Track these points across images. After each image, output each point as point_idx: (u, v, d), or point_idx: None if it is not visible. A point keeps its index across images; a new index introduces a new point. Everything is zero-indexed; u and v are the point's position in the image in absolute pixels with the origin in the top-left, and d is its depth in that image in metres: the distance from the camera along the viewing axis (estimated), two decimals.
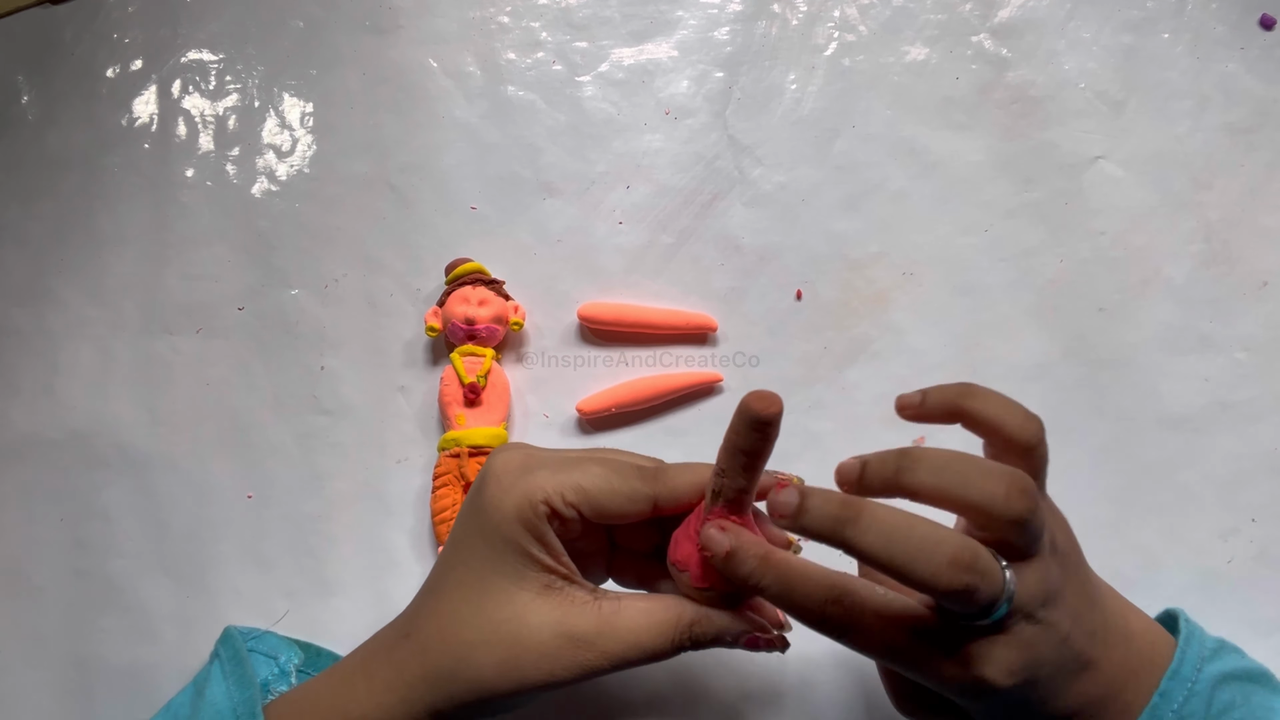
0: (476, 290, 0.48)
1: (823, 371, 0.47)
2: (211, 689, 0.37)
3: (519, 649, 0.31)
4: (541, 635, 0.31)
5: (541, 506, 0.31)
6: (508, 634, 0.31)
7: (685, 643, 0.32)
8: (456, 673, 0.32)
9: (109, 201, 0.54)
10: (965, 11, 0.51)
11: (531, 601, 0.32)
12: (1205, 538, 0.44)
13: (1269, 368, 0.45)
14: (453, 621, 0.33)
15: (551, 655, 0.31)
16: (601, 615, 0.32)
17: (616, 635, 0.32)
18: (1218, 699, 0.32)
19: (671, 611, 0.32)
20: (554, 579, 0.32)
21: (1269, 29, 0.49)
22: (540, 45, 0.53)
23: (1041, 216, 0.48)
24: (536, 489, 0.32)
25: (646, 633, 0.32)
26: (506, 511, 0.32)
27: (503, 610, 0.32)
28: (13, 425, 0.51)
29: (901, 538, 0.28)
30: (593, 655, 0.31)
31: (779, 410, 0.29)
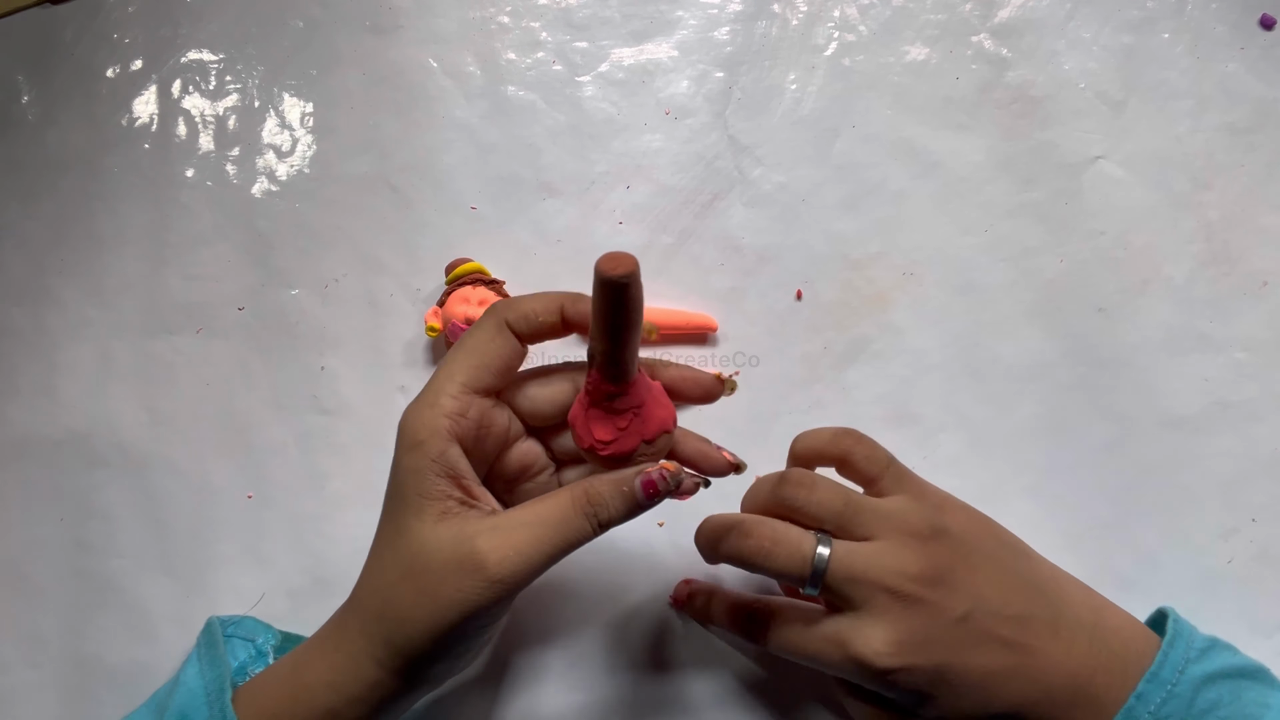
0: (476, 290, 0.48)
1: (823, 371, 0.47)
2: (185, 672, 0.38)
3: (426, 574, 0.32)
4: (443, 554, 0.31)
5: (440, 420, 0.32)
6: (418, 564, 0.32)
7: (585, 506, 0.32)
8: (383, 615, 0.33)
9: (109, 201, 0.54)
10: (965, 11, 0.51)
11: (431, 527, 0.32)
12: (1205, 538, 0.44)
13: (1269, 368, 0.45)
14: (377, 569, 0.34)
15: (455, 568, 0.31)
16: (499, 516, 0.32)
17: (515, 524, 0.32)
18: (1201, 699, 0.32)
19: (566, 489, 0.33)
20: (451, 504, 0.32)
21: (1269, 29, 0.49)
22: (540, 45, 0.53)
23: (1041, 216, 0.48)
24: (425, 406, 0.33)
25: (546, 512, 0.32)
26: (407, 444, 0.33)
27: (412, 544, 0.32)
28: (13, 425, 0.51)
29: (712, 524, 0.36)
30: (495, 553, 0.31)
31: (627, 270, 0.29)
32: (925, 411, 0.46)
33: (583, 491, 0.32)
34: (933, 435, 0.46)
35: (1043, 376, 0.46)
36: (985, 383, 0.47)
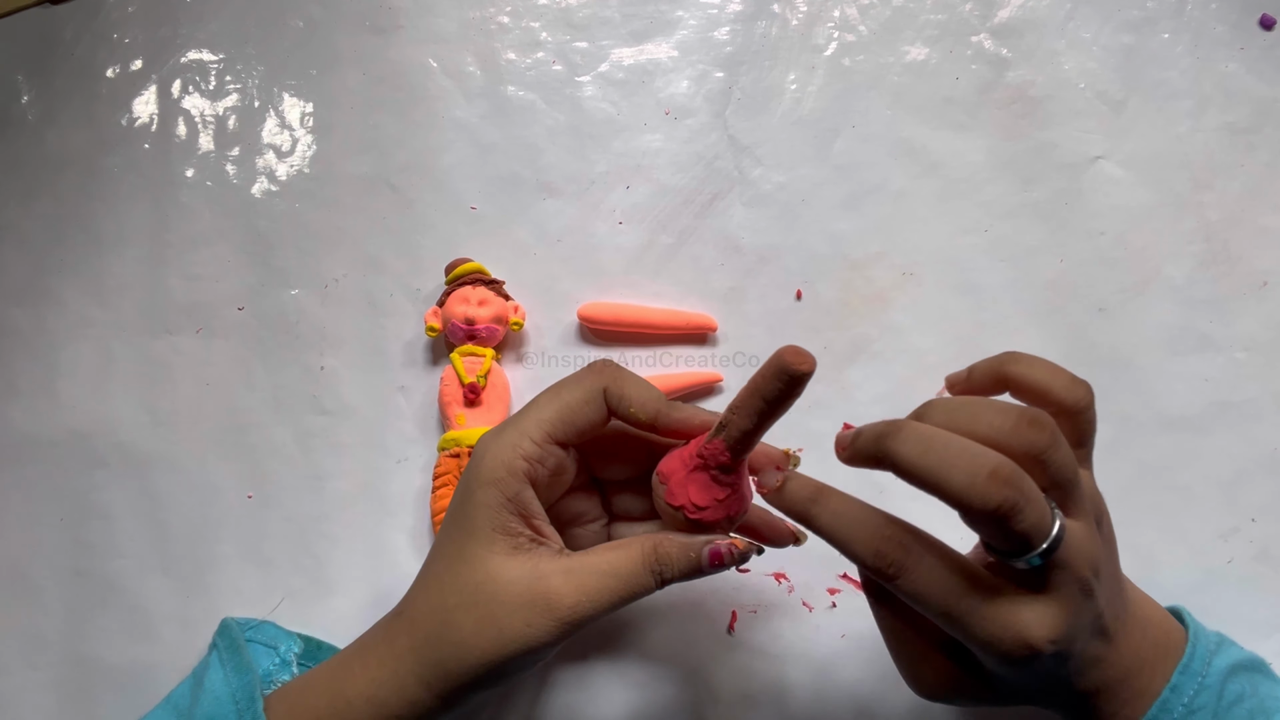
0: (476, 290, 0.48)
1: (823, 371, 0.47)
2: (210, 677, 0.37)
3: (494, 604, 0.32)
4: (515, 588, 0.32)
5: (519, 462, 0.33)
6: (484, 593, 0.32)
7: (654, 564, 0.33)
8: (440, 637, 0.33)
9: (109, 201, 0.54)
10: (965, 11, 0.51)
11: (503, 560, 0.33)
12: (1205, 538, 0.44)
13: (1269, 368, 0.45)
14: (437, 589, 0.34)
15: (526, 604, 0.32)
16: (572, 559, 0.33)
17: (588, 571, 0.32)
18: (1229, 691, 0.33)
19: (638, 540, 0.33)
20: (522, 540, 0.33)
21: (1269, 29, 0.49)
22: (540, 45, 0.53)
23: (1041, 216, 0.48)
24: (507, 446, 0.33)
25: (617, 563, 0.33)
26: (483, 477, 0.33)
27: (477, 573, 0.33)
28: (13, 425, 0.51)
29: (940, 446, 0.28)
30: (568, 597, 0.32)
31: (810, 369, 0.30)
32: None
33: (653, 549, 0.33)
34: None
35: None
36: None
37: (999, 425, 0.29)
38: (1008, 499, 0.27)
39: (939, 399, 0.31)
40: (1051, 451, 0.29)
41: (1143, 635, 0.34)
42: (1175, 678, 0.33)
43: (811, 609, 0.44)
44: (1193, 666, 0.33)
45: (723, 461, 0.32)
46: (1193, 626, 0.35)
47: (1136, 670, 0.33)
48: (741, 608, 0.44)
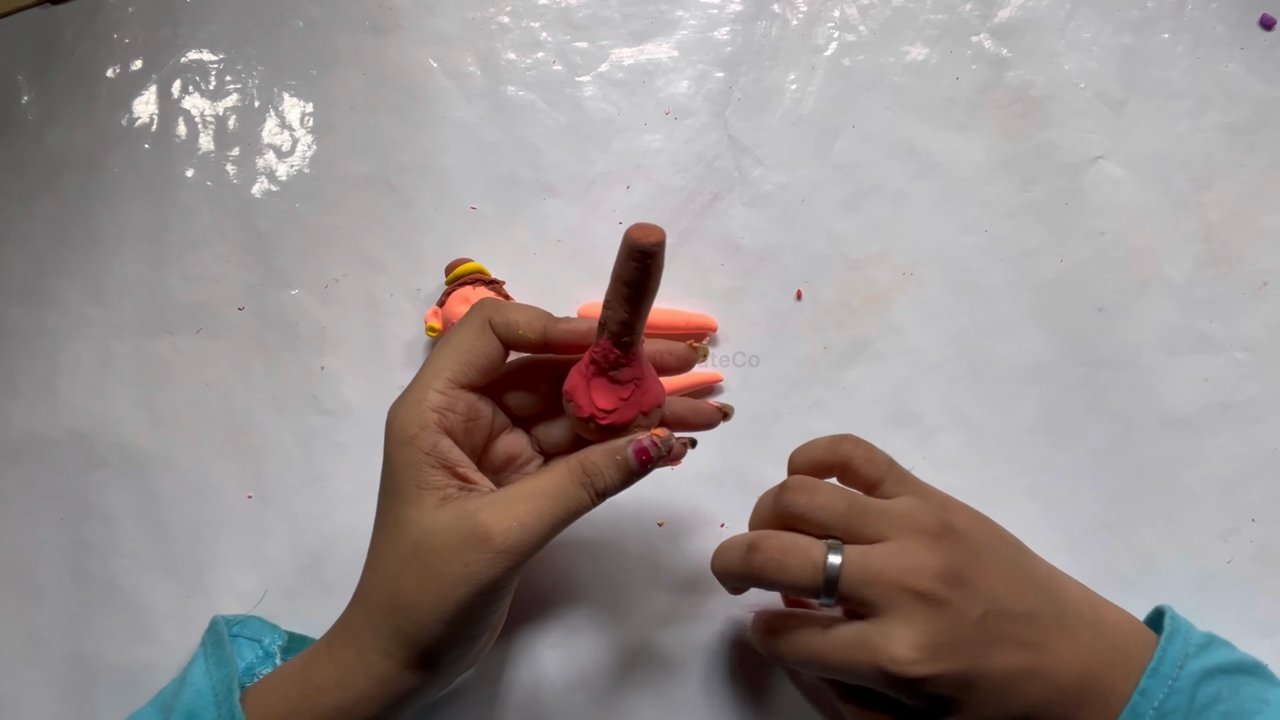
0: (476, 290, 0.48)
1: (823, 371, 0.47)
2: (192, 672, 0.38)
3: (430, 555, 0.32)
4: (447, 534, 0.32)
5: (428, 414, 0.33)
6: (420, 549, 0.32)
7: (582, 477, 0.33)
8: (391, 605, 0.33)
9: (109, 201, 0.54)
10: (965, 11, 0.51)
11: (432, 513, 0.32)
12: (1205, 538, 0.44)
13: (1269, 368, 0.45)
14: (380, 561, 0.34)
15: (460, 545, 0.31)
16: (499, 492, 0.33)
17: (515, 497, 0.32)
18: (1201, 694, 0.33)
19: (563, 460, 0.34)
20: (450, 490, 0.33)
21: (1269, 29, 0.49)
22: (540, 45, 0.53)
23: (1041, 216, 0.48)
24: (412, 403, 0.33)
25: (545, 483, 0.33)
26: (395, 439, 0.33)
27: (412, 532, 0.32)
28: (13, 425, 0.51)
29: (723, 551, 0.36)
30: (498, 525, 0.31)
31: (658, 240, 0.30)
32: (925, 411, 0.46)
33: (578, 463, 0.33)
34: (933, 435, 0.46)
35: (1043, 376, 0.46)
36: (985, 383, 0.47)
37: (764, 505, 0.37)
38: (754, 563, 0.34)
39: None
40: (804, 509, 0.34)
41: (1094, 638, 0.33)
42: (1144, 681, 0.32)
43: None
44: (1162, 669, 0.33)
45: (613, 358, 0.32)
46: (1169, 628, 0.35)
47: (1095, 675, 0.33)
48: (742, 607, 0.44)
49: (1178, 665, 0.33)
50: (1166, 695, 0.32)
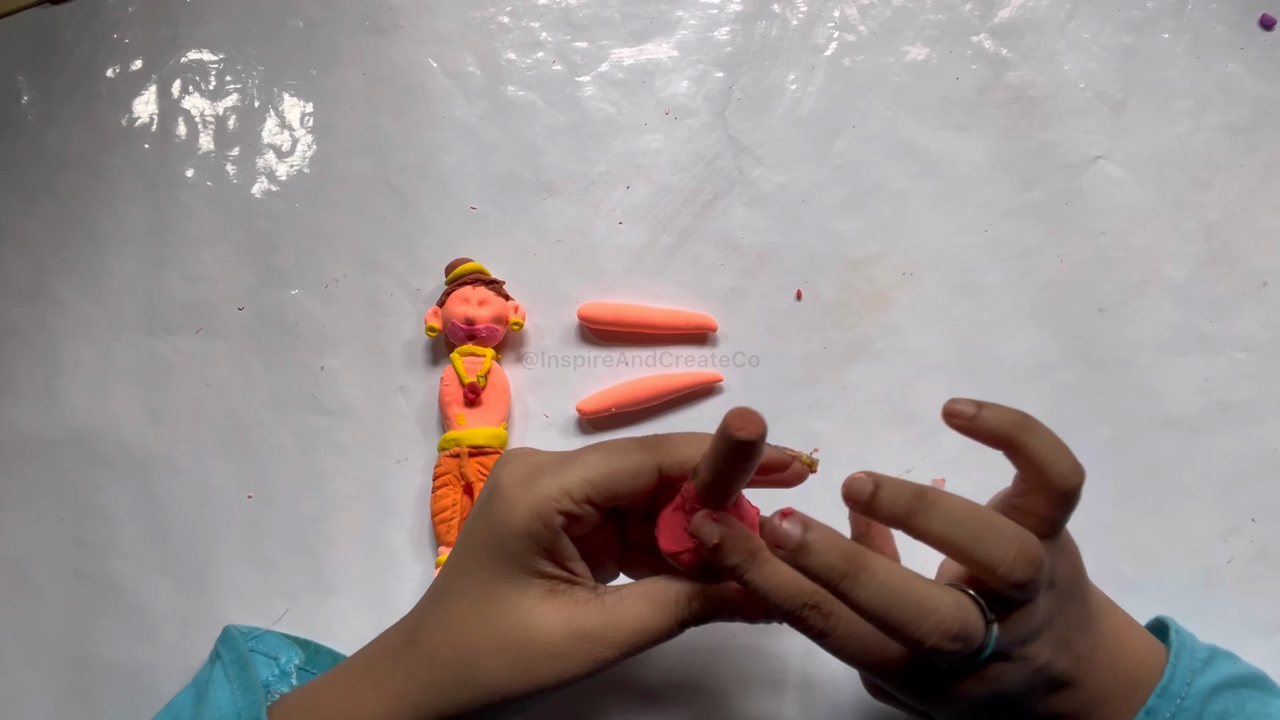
0: (476, 290, 0.48)
1: (823, 371, 0.47)
2: (215, 692, 0.37)
3: (530, 651, 0.32)
4: (552, 636, 0.32)
5: (556, 517, 0.32)
6: (518, 639, 0.32)
7: (687, 617, 0.33)
8: (469, 680, 0.32)
9: (109, 201, 0.54)
10: (965, 11, 0.51)
11: (538, 606, 0.32)
12: (1205, 538, 0.44)
13: (1269, 368, 0.45)
14: (460, 630, 0.33)
15: (563, 654, 0.32)
16: (605, 607, 0.33)
17: (622, 623, 0.32)
18: (1209, 710, 0.33)
19: (671, 590, 0.33)
20: (558, 584, 0.33)
21: (1269, 29, 0.49)
22: (540, 45, 0.53)
23: (1041, 216, 0.48)
24: (544, 499, 0.32)
25: (650, 615, 0.33)
26: (515, 526, 0.32)
27: (510, 618, 0.32)
28: (13, 425, 0.51)
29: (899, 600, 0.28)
30: (603, 647, 0.32)
31: (751, 436, 0.29)
32: (925, 411, 0.46)
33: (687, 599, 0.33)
34: (933, 435, 0.46)
35: (1043, 376, 0.46)
36: (985, 383, 0.47)
37: (997, 556, 0.29)
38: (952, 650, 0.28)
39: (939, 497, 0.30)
40: (1033, 582, 0.29)
41: (1111, 671, 0.33)
42: (1152, 700, 0.32)
43: None
44: (1171, 688, 0.33)
45: (696, 508, 0.32)
46: (1175, 644, 0.34)
47: (1101, 700, 0.32)
48: None
49: (1186, 683, 0.33)
50: (1173, 713, 0.32)
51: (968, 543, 0.29)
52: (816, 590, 0.30)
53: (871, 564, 0.28)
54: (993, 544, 0.29)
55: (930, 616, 0.28)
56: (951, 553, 0.29)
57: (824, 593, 0.30)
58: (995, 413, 0.31)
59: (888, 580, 0.28)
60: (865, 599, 0.28)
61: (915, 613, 0.28)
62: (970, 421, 0.32)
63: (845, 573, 0.28)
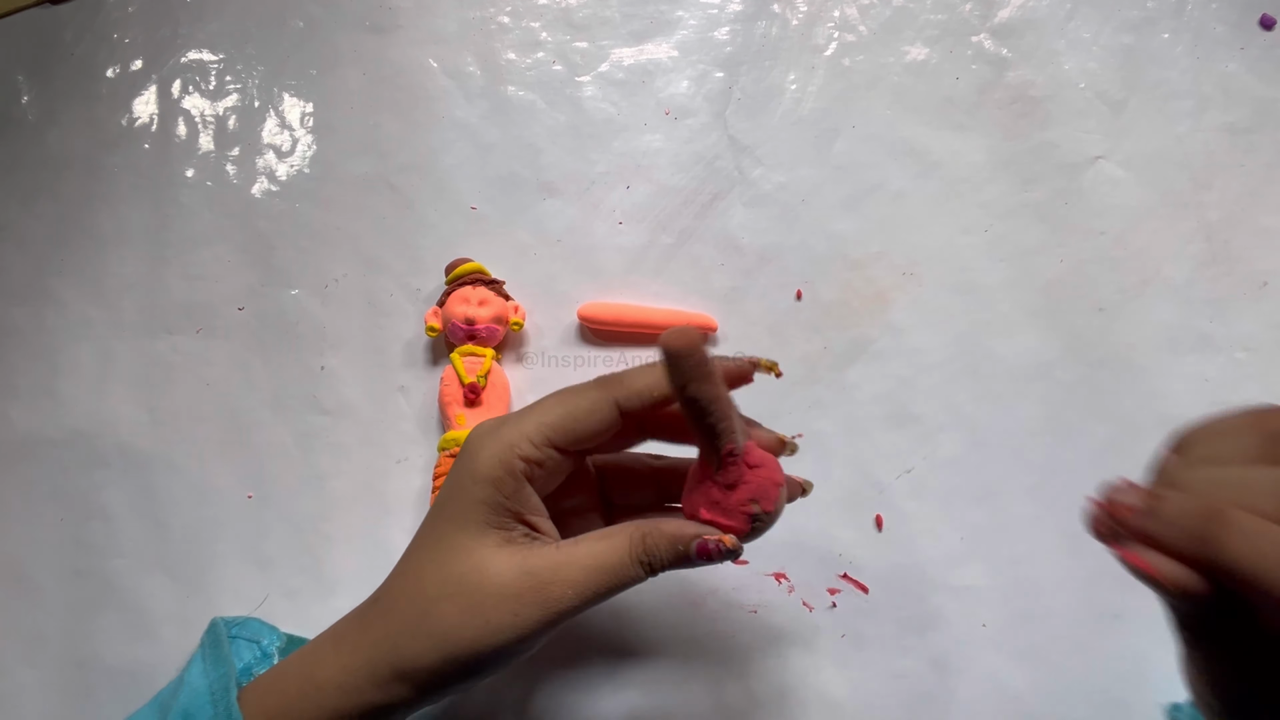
0: (476, 290, 0.48)
1: (823, 371, 0.47)
2: (190, 672, 0.38)
3: (480, 594, 0.32)
4: (503, 578, 0.32)
5: (517, 463, 0.32)
6: (469, 583, 0.32)
7: (641, 554, 0.33)
8: (419, 626, 0.32)
9: (109, 201, 0.54)
10: (965, 11, 0.51)
11: (493, 552, 0.32)
12: None
13: (1269, 368, 0.45)
14: (417, 580, 0.33)
15: (513, 595, 0.32)
16: (560, 550, 0.33)
17: (575, 560, 0.32)
18: None
19: (626, 530, 0.33)
20: (516, 535, 0.33)
21: (1269, 29, 0.49)
22: (540, 45, 0.53)
23: (1041, 216, 0.48)
24: (505, 445, 0.32)
25: (605, 551, 0.33)
26: (478, 473, 0.33)
27: (464, 563, 0.32)
28: (13, 425, 0.51)
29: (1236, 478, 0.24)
30: (556, 585, 0.32)
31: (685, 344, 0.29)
32: (925, 411, 0.46)
33: (641, 539, 0.33)
34: (933, 435, 0.46)
35: (1043, 376, 0.46)
36: (985, 383, 0.47)
37: None
38: None
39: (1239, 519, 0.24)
40: None
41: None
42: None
43: (812, 609, 0.44)
44: None
45: (709, 472, 0.32)
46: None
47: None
48: (741, 608, 0.44)
49: None
50: None
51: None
52: None
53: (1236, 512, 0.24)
54: None
55: None
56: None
57: None
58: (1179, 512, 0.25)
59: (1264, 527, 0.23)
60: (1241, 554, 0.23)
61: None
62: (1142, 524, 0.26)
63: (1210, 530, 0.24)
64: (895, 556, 0.44)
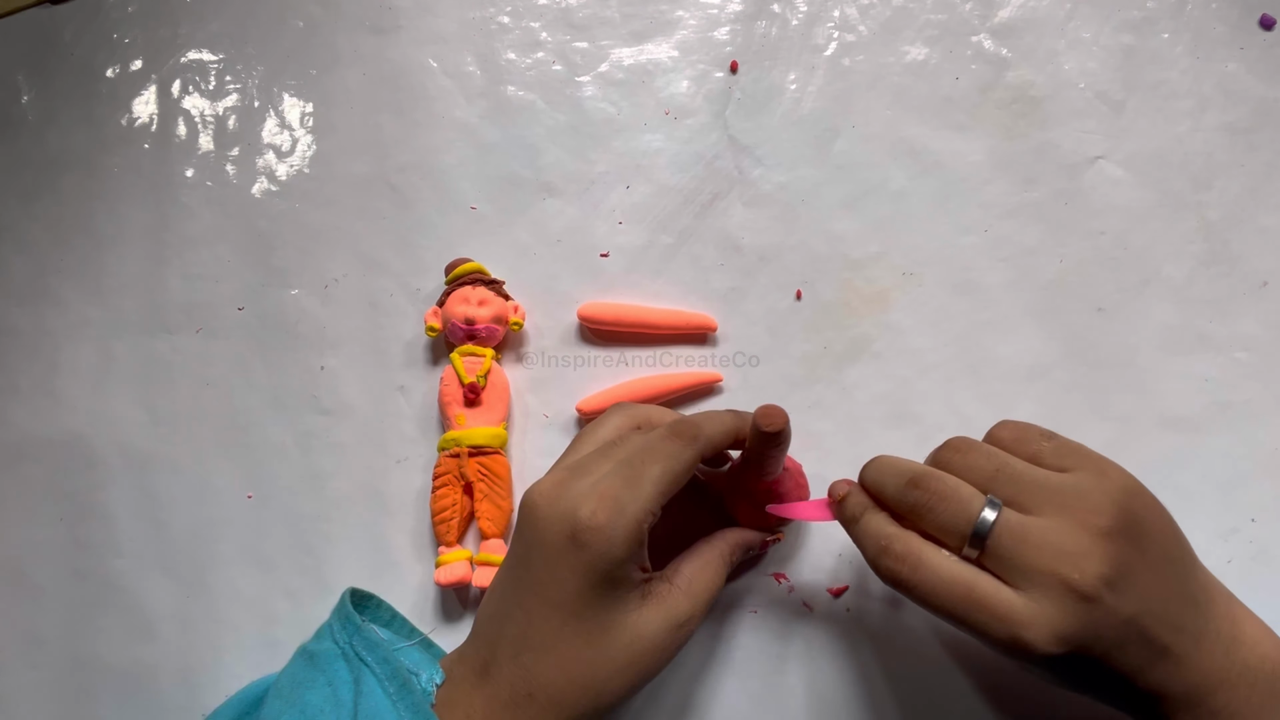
0: (476, 290, 0.48)
1: (823, 371, 0.47)
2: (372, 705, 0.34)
3: (645, 658, 0.35)
4: (659, 637, 0.35)
5: (643, 531, 0.35)
6: (635, 651, 0.35)
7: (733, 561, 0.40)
8: (597, 706, 0.34)
9: (109, 201, 0.54)
10: (965, 11, 0.51)
11: (640, 614, 0.35)
12: (1205, 538, 0.44)
13: (1269, 368, 0.45)
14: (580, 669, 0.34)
15: (664, 646, 0.35)
16: (684, 589, 0.37)
17: (700, 594, 0.37)
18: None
19: (715, 549, 0.39)
20: (645, 586, 0.36)
21: (1269, 29, 0.49)
22: (540, 45, 0.53)
23: (1041, 216, 0.48)
24: (637, 523, 0.34)
25: (715, 576, 0.38)
26: (619, 555, 0.34)
27: (624, 636, 0.35)
28: (13, 425, 0.51)
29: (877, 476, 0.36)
30: (692, 622, 0.36)
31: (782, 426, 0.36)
32: (925, 411, 0.46)
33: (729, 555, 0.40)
34: (933, 435, 0.46)
35: (1043, 376, 0.46)
36: (985, 383, 0.47)
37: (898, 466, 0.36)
38: (909, 498, 0.34)
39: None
40: (953, 468, 0.34)
41: (1226, 656, 0.32)
42: None
43: (811, 609, 0.44)
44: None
45: (753, 483, 0.40)
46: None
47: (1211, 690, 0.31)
48: (741, 608, 0.44)
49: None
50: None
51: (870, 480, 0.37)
52: (897, 535, 0.34)
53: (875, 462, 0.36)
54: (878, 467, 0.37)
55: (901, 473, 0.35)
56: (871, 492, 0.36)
57: (902, 538, 0.34)
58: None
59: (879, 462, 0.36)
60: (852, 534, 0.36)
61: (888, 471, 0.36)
62: None
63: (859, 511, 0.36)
64: None
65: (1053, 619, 0.30)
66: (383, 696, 0.34)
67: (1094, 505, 0.32)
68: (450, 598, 0.46)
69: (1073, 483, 0.32)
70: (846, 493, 0.37)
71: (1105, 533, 0.31)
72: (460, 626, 0.46)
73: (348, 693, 0.34)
